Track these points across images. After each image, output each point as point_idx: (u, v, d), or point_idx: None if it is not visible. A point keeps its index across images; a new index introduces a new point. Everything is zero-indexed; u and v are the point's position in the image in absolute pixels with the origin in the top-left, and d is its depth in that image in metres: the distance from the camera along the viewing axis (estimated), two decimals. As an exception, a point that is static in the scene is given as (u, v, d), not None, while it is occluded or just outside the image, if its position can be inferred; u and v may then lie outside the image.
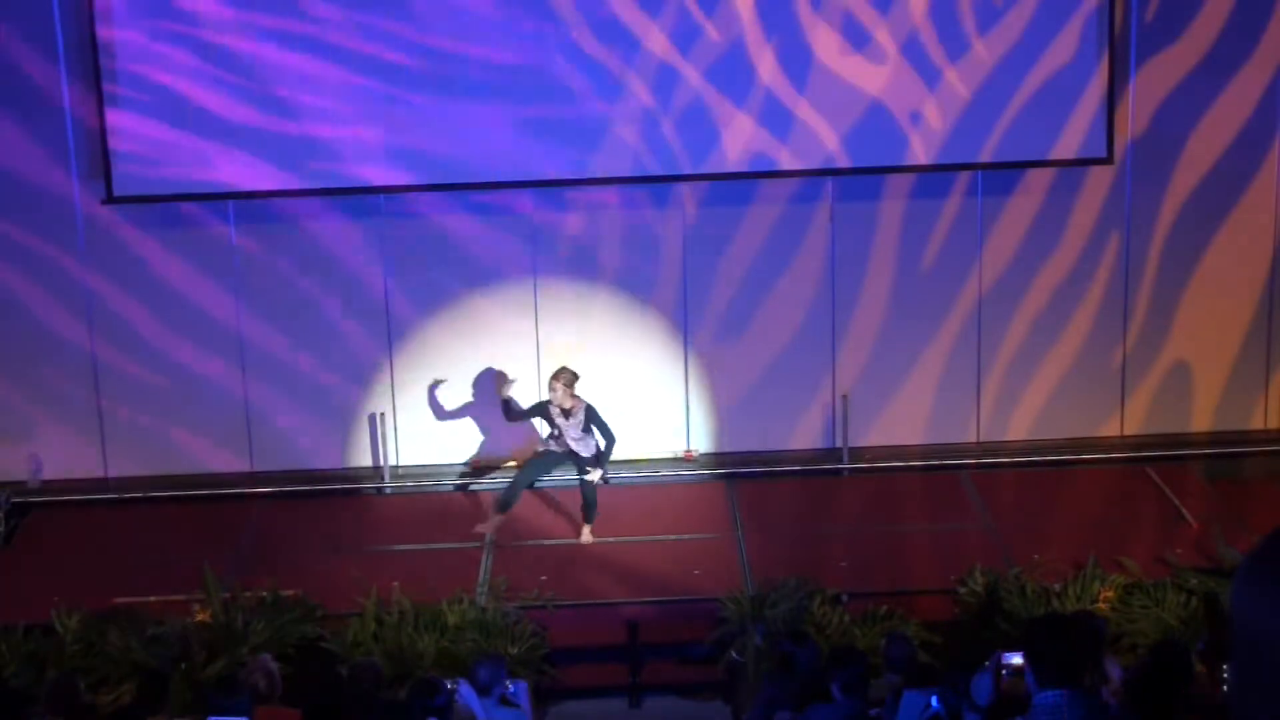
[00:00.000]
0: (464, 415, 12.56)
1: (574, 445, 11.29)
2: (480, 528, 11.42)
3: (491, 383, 12.46)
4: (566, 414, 11.26)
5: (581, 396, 11.33)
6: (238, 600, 10.22)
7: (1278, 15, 12.09)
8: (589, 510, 11.47)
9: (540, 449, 11.49)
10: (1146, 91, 12.16)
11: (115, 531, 11.81)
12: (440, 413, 12.45)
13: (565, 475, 12.49)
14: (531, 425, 11.94)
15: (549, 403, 11.31)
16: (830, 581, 10.39)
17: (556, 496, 12.19)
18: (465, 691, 8.13)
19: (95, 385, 12.40)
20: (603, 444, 11.35)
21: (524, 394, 12.51)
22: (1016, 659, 7.05)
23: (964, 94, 11.87)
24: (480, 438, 12.59)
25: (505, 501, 11.43)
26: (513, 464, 12.52)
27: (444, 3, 11.65)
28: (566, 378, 11.22)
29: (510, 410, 11.65)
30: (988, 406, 12.71)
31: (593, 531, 11.50)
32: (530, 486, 11.74)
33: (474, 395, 12.50)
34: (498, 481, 12.40)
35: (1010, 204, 12.37)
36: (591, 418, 11.29)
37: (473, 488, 12.40)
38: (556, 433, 11.31)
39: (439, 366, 12.48)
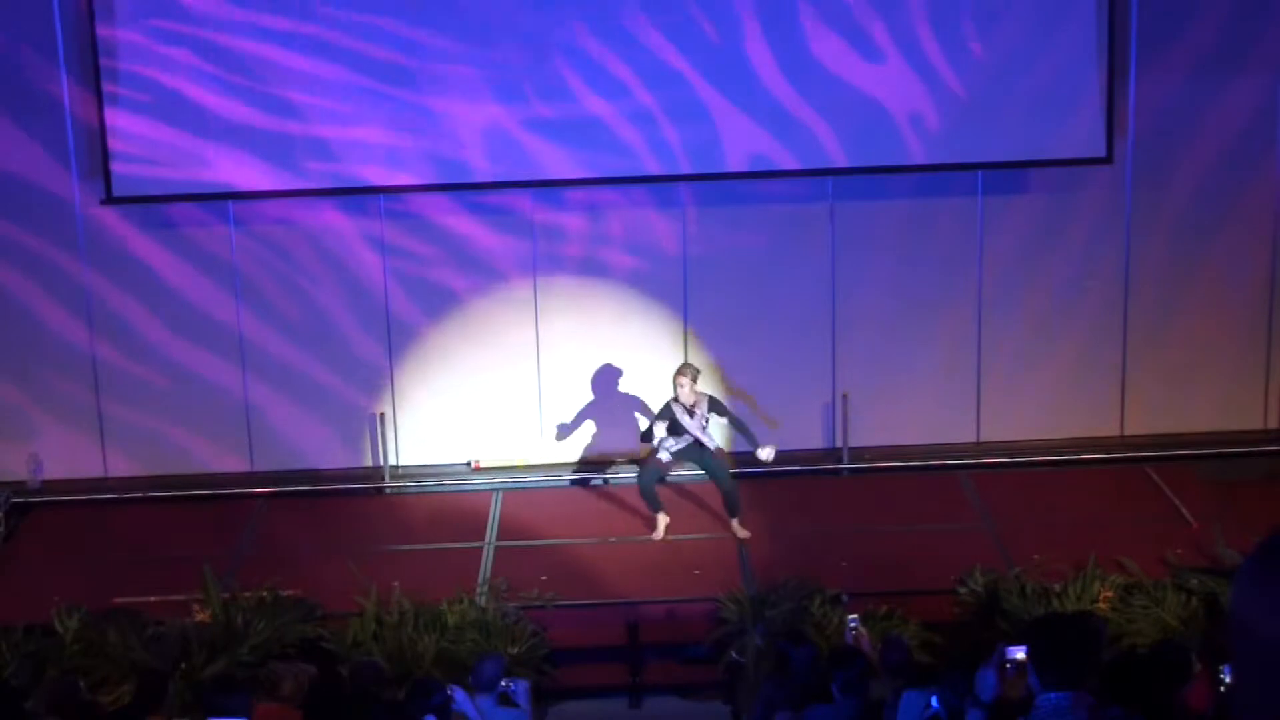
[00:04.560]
0: (468, 415, 12.56)
1: (700, 437, 11.28)
2: (655, 535, 11.43)
3: (493, 382, 12.47)
4: (690, 410, 11.25)
5: (703, 391, 11.36)
6: (238, 600, 10.22)
7: (1278, 16, 12.08)
8: (732, 503, 11.41)
9: (654, 454, 11.37)
10: (1146, 91, 12.16)
11: (115, 531, 11.81)
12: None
13: (557, 477, 12.51)
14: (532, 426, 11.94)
15: (674, 400, 11.26)
16: (830, 581, 10.39)
17: (557, 497, 12.20)
18: (460, 697, 8.13)
19: (95, 385, 12.40)
20: (736, 428, 11.35)
21: (522, 395, 12.52)
22: (1020, 653, 7.04)
23: (964, 94, 11.87)
24: (485, 437, 12.58)
25: (652, 503, 11.40)
26: (520, 463, 12.56)
27: (444, 3, 11.65)
28: (692, 373, 11.26)
29: (650, 433, 11.37)
30: (988, 406, 12.70)
31: (742, 523, 11.44)
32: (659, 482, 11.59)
33: (478, 395, 12.51)
34: (496, 482, 12.41)
35: (1010, 204, 12.37)
36: (715, 407, 11.32)
37: (481, 487, 12.42)
38: (679, 430, 11.21)
39: (439, 366, 12.48)
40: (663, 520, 11.46)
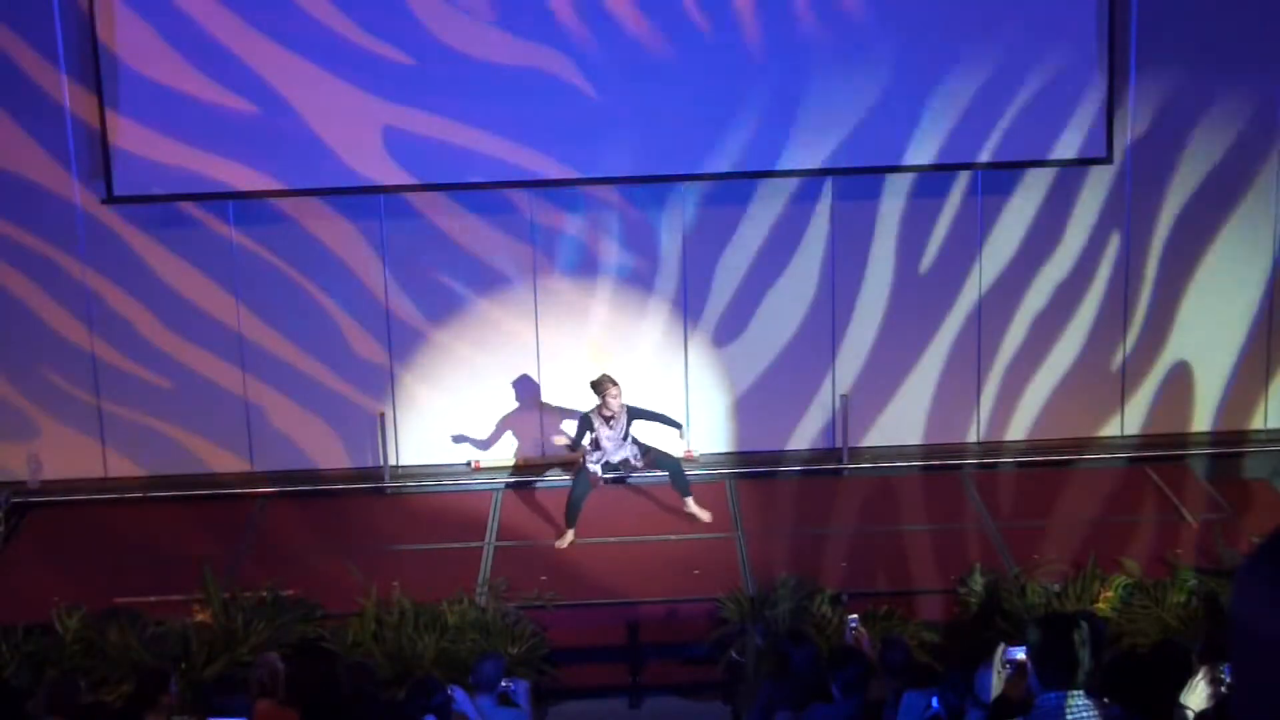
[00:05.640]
0: (468, 415, 12.56)
1: (611, 454, 11.29)
2: (559, 544, 11.40)
3: (493, 382, 12.47)
4: (609, 420, 11.26)
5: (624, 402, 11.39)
6: (238, 600, 10.22)
7: (1278, 16, 12.09)
8: (682, 483, 11.42)
9: (584, 463, 11.40)
10: (1146, 91, 12.16)
11: (115, 531, 11.81)
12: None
13: (557, 477, 12.52)
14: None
15: (597, 411, 11.28)
16: (830, 581, 10.40)
17: (557, 497, 12.20)
18: (460, 697, 8.14)
19: (95, 385, 12.40)
20: (661, 425, 11.46)
21: (523, 395, 12.52)
22: (1020, 654, 7.06)
23: (964, 94, 11.86)
24: (484, 438, 12.59)
25: (571, 516, 11.39)
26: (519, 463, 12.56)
27: (444, 3, 11.65)
28: (614, 380, 11.26)
29: (576, 442, 11.51)
30: (988, 406, 12.70)
31: (698, 503, 11.47)
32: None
33: (478, 395, 12.51)
34: (496, 482, 12.41)
35: (1010, 204, 12.37)
36: (636, 415, 11.35)
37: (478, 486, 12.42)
38: (596, 442, 11.27)
39: (439, 367, 12.48)
40: (569, 538, 11.39)
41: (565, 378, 12.48)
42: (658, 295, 12.44)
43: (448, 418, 12.55)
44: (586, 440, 11.31)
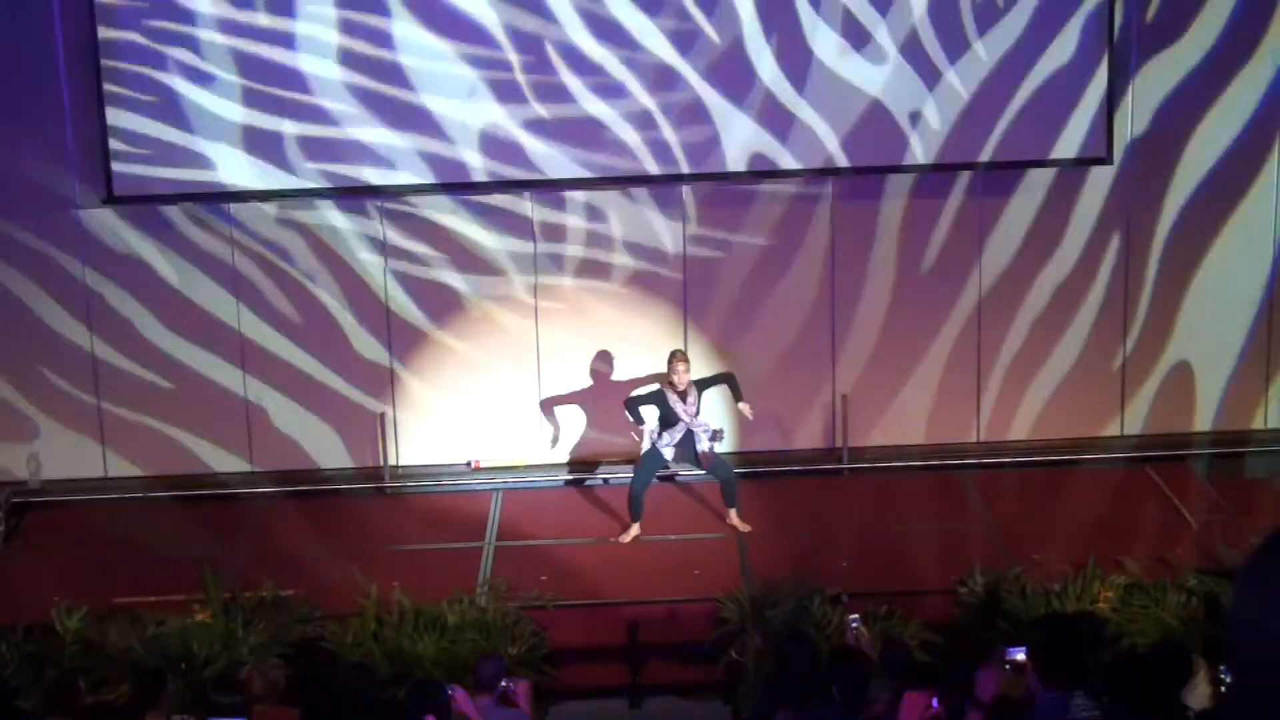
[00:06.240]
0: (468, 415, 12.56)
1: (695, 428, 11.21)
2: (623, 538, 11.35)
3: (493, 382, 12.47)
4: (683, 396, 11.20)
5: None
6: (238, 600, 10.22)
7: (1278, 15, 12.09)
8: (730, 493, 11.39)
9: (650, 446, 11.31)
10: (1146, 91, 12.16)
11: (115, 531, 11.80)
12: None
13: (557, 476, 12.52)
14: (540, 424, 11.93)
15: (669, 385, 11.20)
16: (830, 581, 10.39)
17: (557, 497, 12.19)
18: (460, 697, 8.14)
19: (95, 385, 12.39)
20: (725, 382, 11.46)
21: (522, 395, 12.52)
22: (1020, 654, 7.06)
23: (964, 94, 11.87)
24: (485, 437, 12.58)
25: (635, 509, 11.31)
26: (520, 462, 12.55)
27: (444, 3, 11.65)
28: (686, 358, 11.22)
29: (635, 410, 11.38)
30: (988, 406, 12.70)
31: (740, 516, 11.43)
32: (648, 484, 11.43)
33: (478, 395, 12.51)
34: (496, 482, 12.41)
35: (1010, 204, 12.37)
36: (703, 385, 11.34)
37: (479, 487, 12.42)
38: (673, 420, 11.16)
39: (439, 366, 12.48)
40: (634, 531, 11.36)
41: (565, 377, 12.48)
42: (658, 295, 12.43)
43: (448, 418, 12.55)
44: (655, 420, 11.24)
